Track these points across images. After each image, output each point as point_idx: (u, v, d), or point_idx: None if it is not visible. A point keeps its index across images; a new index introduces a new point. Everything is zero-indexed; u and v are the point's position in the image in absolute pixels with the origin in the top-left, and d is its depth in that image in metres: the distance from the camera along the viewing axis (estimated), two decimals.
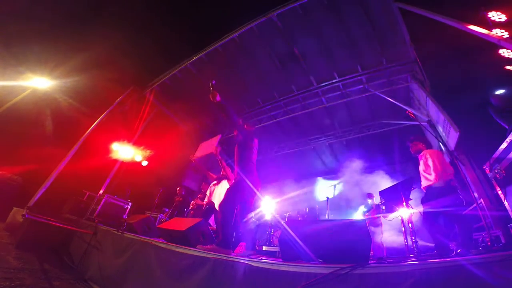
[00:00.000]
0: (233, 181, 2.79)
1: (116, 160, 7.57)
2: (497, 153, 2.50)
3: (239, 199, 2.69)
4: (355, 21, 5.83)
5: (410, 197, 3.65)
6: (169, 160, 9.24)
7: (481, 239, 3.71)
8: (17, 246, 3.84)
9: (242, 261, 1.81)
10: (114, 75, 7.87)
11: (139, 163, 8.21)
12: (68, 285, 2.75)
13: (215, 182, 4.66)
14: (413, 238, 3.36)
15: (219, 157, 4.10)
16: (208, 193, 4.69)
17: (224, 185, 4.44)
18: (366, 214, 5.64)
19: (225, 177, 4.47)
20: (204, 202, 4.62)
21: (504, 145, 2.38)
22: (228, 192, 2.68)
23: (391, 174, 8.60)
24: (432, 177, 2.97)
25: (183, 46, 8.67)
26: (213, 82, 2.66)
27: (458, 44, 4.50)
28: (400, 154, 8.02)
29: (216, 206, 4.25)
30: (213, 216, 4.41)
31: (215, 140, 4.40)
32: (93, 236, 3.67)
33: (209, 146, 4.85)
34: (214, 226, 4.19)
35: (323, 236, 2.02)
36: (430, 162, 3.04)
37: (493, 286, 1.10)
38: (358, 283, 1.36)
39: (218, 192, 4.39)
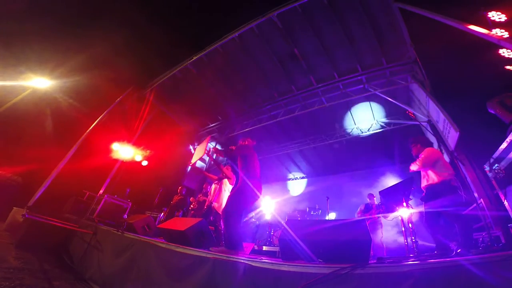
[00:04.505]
0: (237, 185, 2.87)
1: (116, 160, 7.57)
2: (497, 153, 2.50)
3: (243, 204, 2.78)
4: (355, 21, 5.82)
5: (410, 197, 3.65)
6: (169, 160, 9.25)
7: (481, 239, 3.70)
8: (17, 246, 3.85)
9: (242, 261, 1.81)
10: (114, 75, 7.88)
11: (139, 163, 8.20)
12: (68, 285, 2.75)
13: (216, 182, 4.70)
14: (413, 238, 3.36)
15: (211, 157, 4.22)
16: (211, 192, 4.75)
17: (226, 185, 4.49)
18: (366, 214, 5.63)
19: (225, 176, 4.50)
20: (206, 201, 4.68)
21: (504, 145, 2.38)
22: (232, 196, 2.76)
23: (391, 174, 8.61)
24: (431, 175, 2.98)
25: (183, 46, 8.68)
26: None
27: (458, 44, 4.50)
28: (400, 154, 8.01)
29: (216, 206, 4.30)
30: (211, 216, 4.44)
31: (205, 142, 4.54)
32: (93, 236, 3.67)
33: (201, 149, 4.96)
34: (213, 226, 4.22)
35: (323, 236, 2.02)
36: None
37: (493, 286, 1.10)
38: (358, 283, 1.36)
39: (223, 190, 4.45)
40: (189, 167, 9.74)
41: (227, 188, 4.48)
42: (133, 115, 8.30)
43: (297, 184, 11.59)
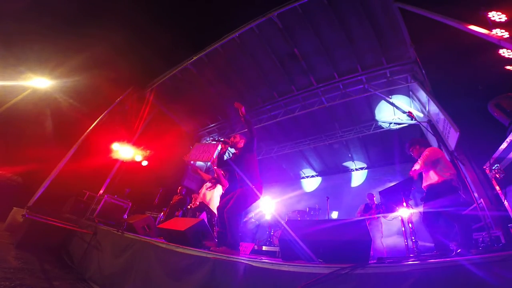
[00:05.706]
0: (241, 186, 2.88)
1: (116, 160, 7.57)
2: (497, 153, 2.50)
3: (248, 205, 2.86)
4: (355, 21, 5.82)
5: (410, 197, 3.65)
6: (169, 160, 9.24)
7: (481, 239, 3.70)
8: (17, 246, 3.85)
9: (242, 261, 1.81)
10: (114, 75, 7.89)
11: (139, 163, 8.20)
12: (68, 285, 2.75)
13: (209, 184, 4.67)
14: (413, 238, 3.36)
15: (215, 167, 4.10)
16: (202, 193, 4.69)
17: (219, 190, 4.52)
18: (366, 214, 5.63)
19: (219, 182, 4.52)
20: (197, 202, 4.63)
21: (504, 145, 2.38)
22: (238, 198, 2.76)
23: (391, 174, 8.62)
24: (432, 175, 2.98)
25: (183, 46, 8.66)
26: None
27: (458, 44, 4.50)
28: (400, 154, 8.01)
29: (213, 208, 4.30)
30: (203, 215, 4.46)
31: (214, 147, 4.37)
32: (93, 236, 3.67)
33: (206, 152, 4.78)
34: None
35: (323, 236, 2.02)
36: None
37: (493, 286, 1.10)
38: (358, 283, 1.36)
39: (214, 195, 4.46)
40: (189, 164, 9.70)
41: (219, 193, 4.49)
42: (133, 115, 8.30)
43: (297, 184, 11.59)
